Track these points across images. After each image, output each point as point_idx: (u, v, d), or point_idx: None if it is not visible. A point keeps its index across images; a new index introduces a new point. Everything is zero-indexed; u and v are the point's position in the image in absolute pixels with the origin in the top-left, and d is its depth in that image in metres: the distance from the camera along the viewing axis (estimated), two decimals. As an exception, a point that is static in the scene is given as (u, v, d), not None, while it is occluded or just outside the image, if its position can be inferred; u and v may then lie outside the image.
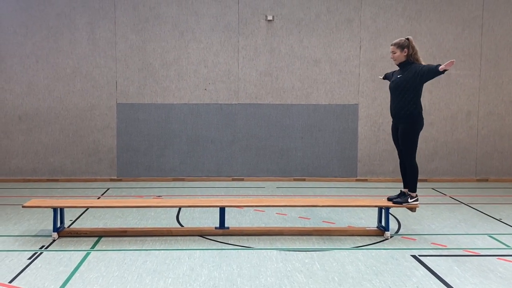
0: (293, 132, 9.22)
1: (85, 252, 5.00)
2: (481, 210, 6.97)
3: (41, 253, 4.99)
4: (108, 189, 8.45)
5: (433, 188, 8.66)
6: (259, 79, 9.18)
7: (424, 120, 5.51)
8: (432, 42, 9.16)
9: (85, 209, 6.66)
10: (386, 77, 5.88)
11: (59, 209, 5.53)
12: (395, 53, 5.41)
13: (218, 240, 5.44)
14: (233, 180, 9.22)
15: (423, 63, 5.40)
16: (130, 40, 9.03)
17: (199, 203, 6.11)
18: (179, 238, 5.51)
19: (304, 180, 9.23)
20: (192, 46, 9.10)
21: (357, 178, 9.31)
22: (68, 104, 9.06)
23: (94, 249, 5.13)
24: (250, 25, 9.10)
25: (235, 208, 6.61)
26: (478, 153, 9.37)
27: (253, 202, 6.33)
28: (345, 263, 4.77)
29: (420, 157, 9.35)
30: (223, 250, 5.12)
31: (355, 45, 9.15)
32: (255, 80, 9.18)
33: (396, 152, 9.25)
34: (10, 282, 4.26)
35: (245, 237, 5.54)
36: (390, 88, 5.54)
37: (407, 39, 5.41)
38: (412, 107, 5.34)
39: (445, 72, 5.14)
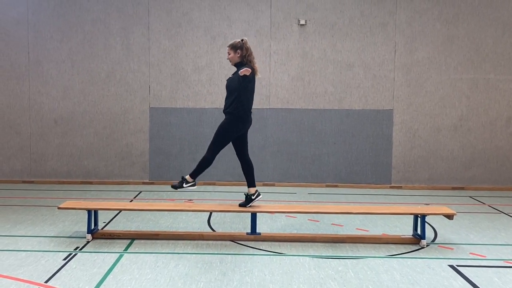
0: (325, 138, 9.11)
1: (118, 254, 5.03)
2: (522, 220, 6.70)
3: (75, 254, 5.05)
4: (141, 192, 8.53)
5: (470, 197, 8.39)
6: (291, 83, 9.11)
7: (245, 124, 5.44)
8: (470, 46, 8.92)
9: (118, 211, 6.73)
10: None
11: (93, 211, 5.59)
12: (230, 54, 5.48)
13: (250, 246, 5.39)
14: (264, 185, 9.15)
15: (256, 65, 5.43)
16: (163, 45, 9.12)
17: (230, 208, 6.07)
18: (210, 242, 5.49)
19: (336, 186, 9.10)
20: (224, 51, 9.09)
21: (391, 185, 9.11)
22: (102, 108, 9.21)
23: (127, 251, 5.15)
24: (282, 29, 9.06)
25: (266, 213, 6.55)
26: (518, 161, 9.05)
27: (285, 208, 6.24)
28: (380, 272, 4.64)
29: (457, 164, 9.12)
30: (255, 256, 5.06)
31: (389, 49, 8.99)
32: (287, 84, 9.12)
33: (431, 159, 9.17)
34: (46, 282, 4.31)
35: (277, 243, 5.47)
36: (225, 86, 5.61)
37: (242, 40, 5.43)
38: (233, 107, 5.37)
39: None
